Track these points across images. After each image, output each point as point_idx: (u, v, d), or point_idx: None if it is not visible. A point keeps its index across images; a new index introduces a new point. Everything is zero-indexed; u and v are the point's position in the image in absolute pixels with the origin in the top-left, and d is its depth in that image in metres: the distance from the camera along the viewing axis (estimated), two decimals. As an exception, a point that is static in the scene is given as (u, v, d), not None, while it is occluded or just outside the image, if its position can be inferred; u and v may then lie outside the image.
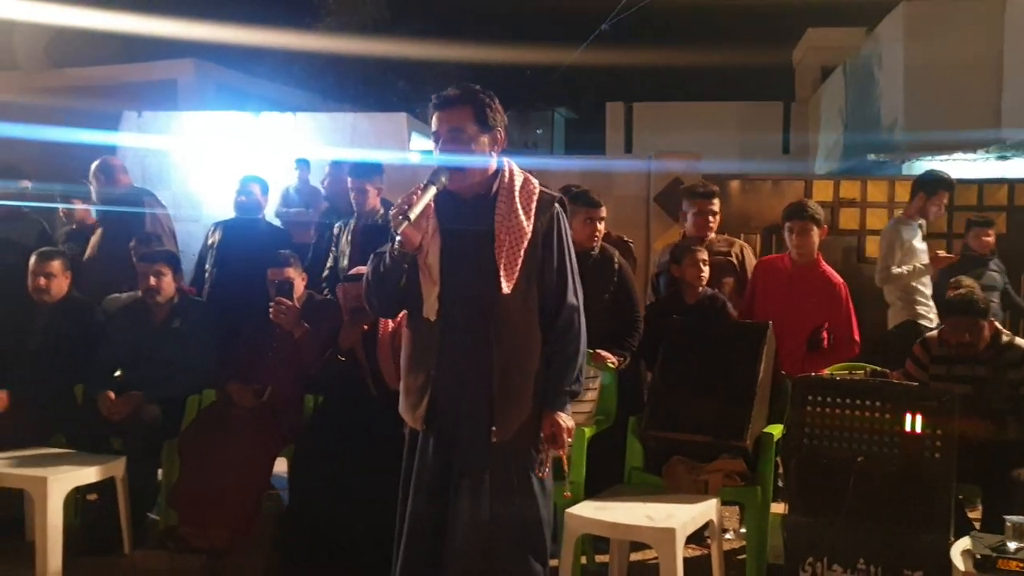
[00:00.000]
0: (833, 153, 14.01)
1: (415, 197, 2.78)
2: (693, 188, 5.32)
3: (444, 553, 2.91)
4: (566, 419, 2.96)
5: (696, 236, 5.12)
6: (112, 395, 4.63)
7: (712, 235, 5.17)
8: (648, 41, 18.96)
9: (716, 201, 5.15)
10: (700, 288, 4.74)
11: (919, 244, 5.64)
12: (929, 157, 9.94)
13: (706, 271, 4.72)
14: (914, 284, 5.55)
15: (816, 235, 4.78)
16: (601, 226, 4.70)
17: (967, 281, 5.05)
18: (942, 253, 5.72)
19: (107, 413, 4.59)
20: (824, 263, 4.87)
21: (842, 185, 7.93)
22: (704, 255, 4.74)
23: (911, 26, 10.77)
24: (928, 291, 5.59)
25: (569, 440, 2.98)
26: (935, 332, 4.49)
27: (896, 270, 5.50)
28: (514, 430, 2.91)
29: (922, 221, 5.71)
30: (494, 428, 2.88)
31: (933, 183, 5.68)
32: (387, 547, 3.16)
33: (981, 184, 7.77)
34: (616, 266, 4.71)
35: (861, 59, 12.77)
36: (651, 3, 13.43)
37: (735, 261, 5.19)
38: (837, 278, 4.81)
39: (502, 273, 2.86)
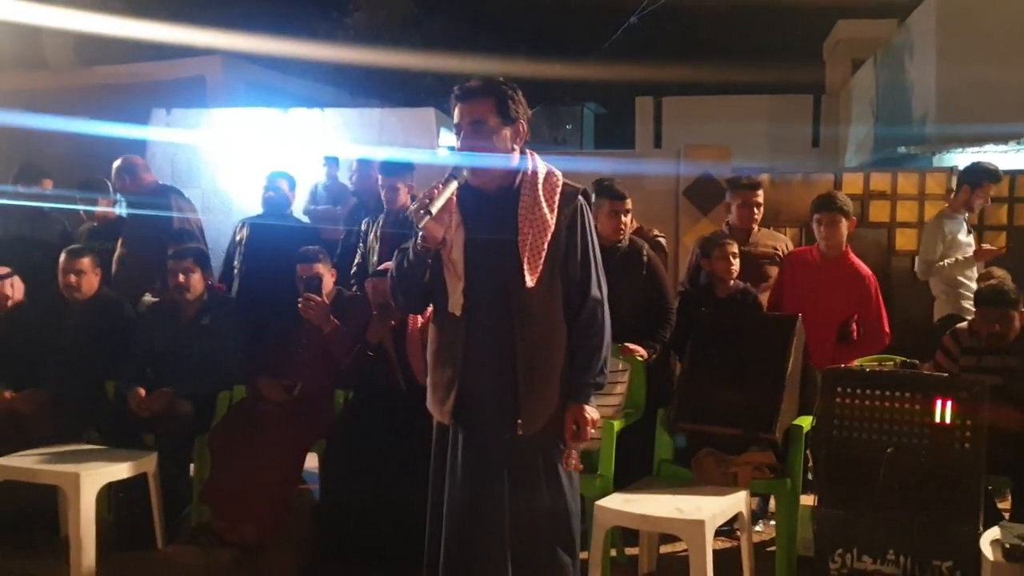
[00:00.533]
0: (864, 146, 13.88)
1: (436, 191, 2.79)
2: (737, 179, 5.29)
3: (477, 545, 2.92)
4: (591, 411, 2.96)
5: (741, 228, 5.10)
6: (142, 391, 4.68)
7: (756, 227, 5.14)
8: (677, 34, 18.87)
9: (760, 192, 5.13)
10: (731, 281, 4.72)
11: (964, 237, 5.60)
12: (960, 149, 9.83)
13: (736, 264, 4.70)
14: (959, 277, 5.51)
15: (844, 227, 4.75)
16: (627, 219, 4.68)
17: (998, 272, 5.00)
18: (986, 246, 5.66)
19: (137, 409, 4.64)
20: (853, 255, 4.84)
21: (872, 178, 7.84)
22: (734, 248, 4.71)
23: (943, 17, 10.64)
24: (974, 284, 5.54)
25: (594, 432, 2.98)
26: (965, 323, 4.45)
27: (938, 264, 5.46)
28: (540, 423, 2.92)
29: (967, 214, 5.66)
30: (519, 421, 2.89)
31: (978, 174, 5.64)
32: (418, 540, 3.18)
33: (1014, 175, 7.67)
34: (645, 259, 4.70)
35: (892, 51, 12.63)
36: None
37: (780, 254, 5.16)
38: (866, 270, 4.77)
39: (526, 267, 2.86)
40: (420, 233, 2.84)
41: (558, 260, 2.93)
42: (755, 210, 5.10)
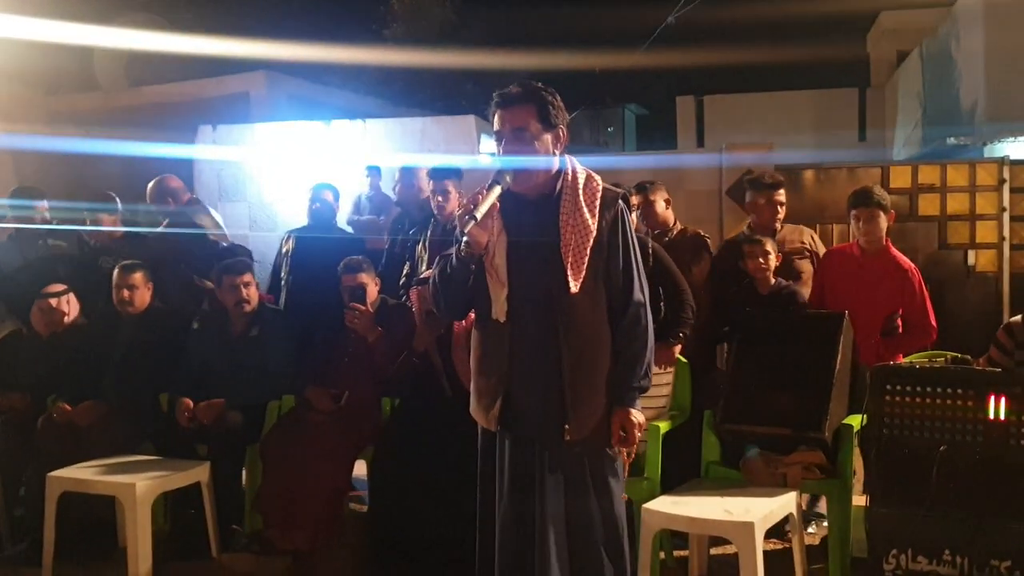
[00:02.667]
0: (911, 138, 13.66)
1: (480, 197, 2.81)
2: (758, 179, 5.22)
3: (534, 552, 2.91)
4: (636, 415, 2.95)
5: (764, 227, 5.05)
6: (189, 402, 4.74)
7: (779, 226, 5.08)
8: (717, 32, 18.73)
9: (782, 192, 5.05)
10: (772, 279, 4.69)
11: None
12: (1012, 139, 9.65)
13: (769, 262, 4.66)
14: None
15: (883, 221, 4.66)
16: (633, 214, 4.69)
17: None
18: None
19: (182, 420, 4.71)
20: (894, 248, 4.75)
21: (921, 170, 7.72)
22: (767, 247, 4.67)
23: (990, 3, 10.45)
24: None
25: (640, 436, 2.97)
26: (1019, 317, 4.35)
27: None
28: (588, 429, 2.92)
29: None
30: (567, 427, 2.88)
31: None
32: (467, 545, 3.19)
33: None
34: (650, 250, 4.67)
35: (938, 41, 12.43)
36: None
37: (809, 250, 5.10)
38: (908, 263, 4.69)
39: (569, 272, 2.86)
40: (464, 239, 2.85)
41: (600, 265, 2.93)
42: (778, 209, 5.02)
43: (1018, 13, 10.09)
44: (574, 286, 2.86)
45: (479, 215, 2.78)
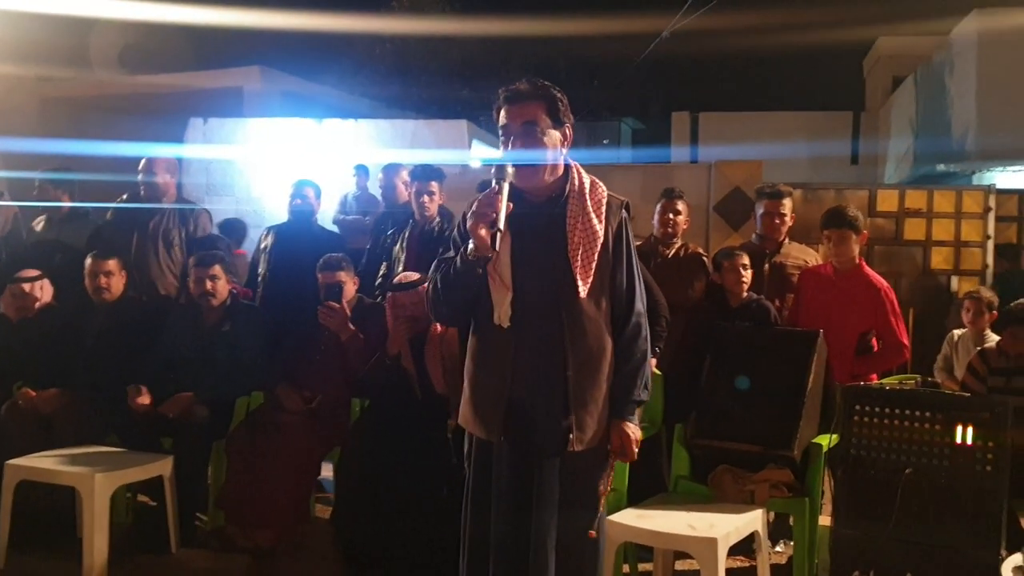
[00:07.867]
0: (903, 163, 13.72)
1: (497, 202, 2.67)
2: (762, 188, 5.23)
3: (529, 564, 2.81)
4: (634, 429, 2.85)
5: (768, 237, 5.04)
6: (144, 389, 4.65)
7: (785, 238, 5.07)
8: (716, 50, 18.78)
9: (786, 203, 5.03)
10: (744, 294, 4.67)
11: None
12: (1001, 168, 9.69)
13: (746, 276, 4.65)
14: None
15: (855, 241, 4.66)
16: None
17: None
18: None
19: (133, 405, 4.61)
20: (867, 267, 4.76)
21: (908, 195, 7.73)
22: (744, 260, 4.66)
23: (984, 34, 10.51)
24: None
25: (636, 450, 2.88)
26: (993, 344, 4.35)
27: None
28: (594, 440, 2.82)
29: None
30: (572, 436, 2.77)
31: None
32: (431, 548, 3.14)
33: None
34: None
35: (933, 67, 12.50)
36: (718, 10, 13.27)
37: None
38: (880, 282, 4.68)
39: (578, 276, 2.76)
40: (471, 243, 2.70)
41: (607, 271, 2.84)
42: (777, 220, 5.01)
43: (1011, 45, 10.15)
44: (583, 290, 2.76)
45: (502, 224, 2.64)
